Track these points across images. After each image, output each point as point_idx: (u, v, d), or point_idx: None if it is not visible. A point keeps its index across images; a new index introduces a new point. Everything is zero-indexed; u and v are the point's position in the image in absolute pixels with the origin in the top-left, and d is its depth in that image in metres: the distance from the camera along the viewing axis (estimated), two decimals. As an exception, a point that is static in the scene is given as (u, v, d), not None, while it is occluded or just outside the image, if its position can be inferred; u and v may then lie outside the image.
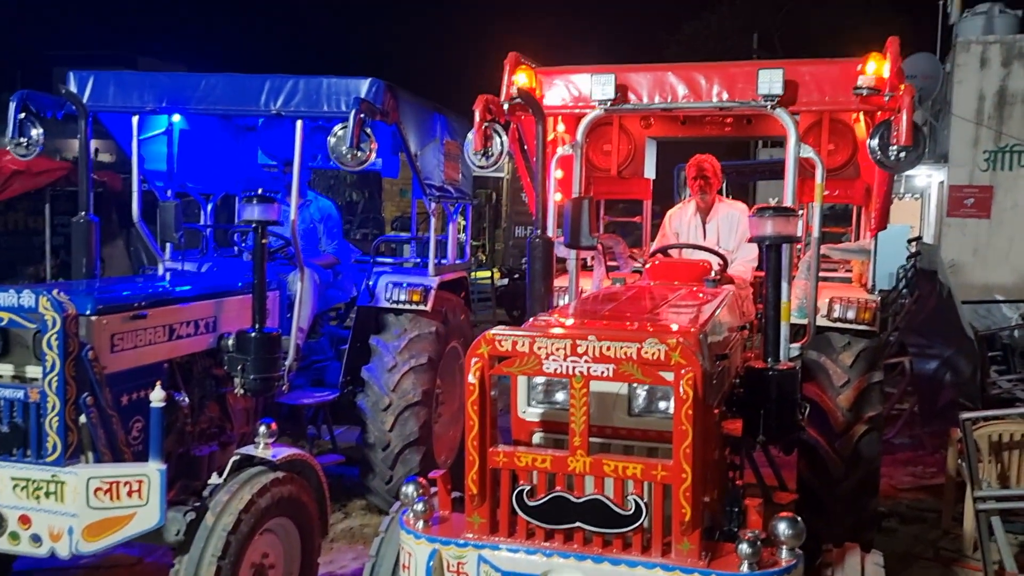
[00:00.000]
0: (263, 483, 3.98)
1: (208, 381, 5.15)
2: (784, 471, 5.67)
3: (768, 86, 4.17)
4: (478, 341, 2.94)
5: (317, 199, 6.80)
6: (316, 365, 6.33)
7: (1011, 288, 12.60)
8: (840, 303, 5.04)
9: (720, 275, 4.90)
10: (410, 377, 5.86)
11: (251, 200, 4.79)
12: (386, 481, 5.88)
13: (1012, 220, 13.48)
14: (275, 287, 5.71)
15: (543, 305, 4.25)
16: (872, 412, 4.97)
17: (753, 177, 14.20)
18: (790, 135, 4.17)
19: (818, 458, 4.91)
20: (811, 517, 4.83)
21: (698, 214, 5.85)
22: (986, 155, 13.52)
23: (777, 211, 3.61)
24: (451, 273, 6.57)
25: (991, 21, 14.46)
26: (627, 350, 2.77)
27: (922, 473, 7.55)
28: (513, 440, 3.31)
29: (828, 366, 5.01)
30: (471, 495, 2.95)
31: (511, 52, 4.73)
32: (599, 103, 4.52)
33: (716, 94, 4.46)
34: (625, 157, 6.65)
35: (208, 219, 6.96)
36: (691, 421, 2.71)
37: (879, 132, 4.06)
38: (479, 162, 4.67)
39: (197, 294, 4.98)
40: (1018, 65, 13.41)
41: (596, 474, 2.86)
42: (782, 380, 3.60)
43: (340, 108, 5.31)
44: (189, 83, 5.58)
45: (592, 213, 4.48)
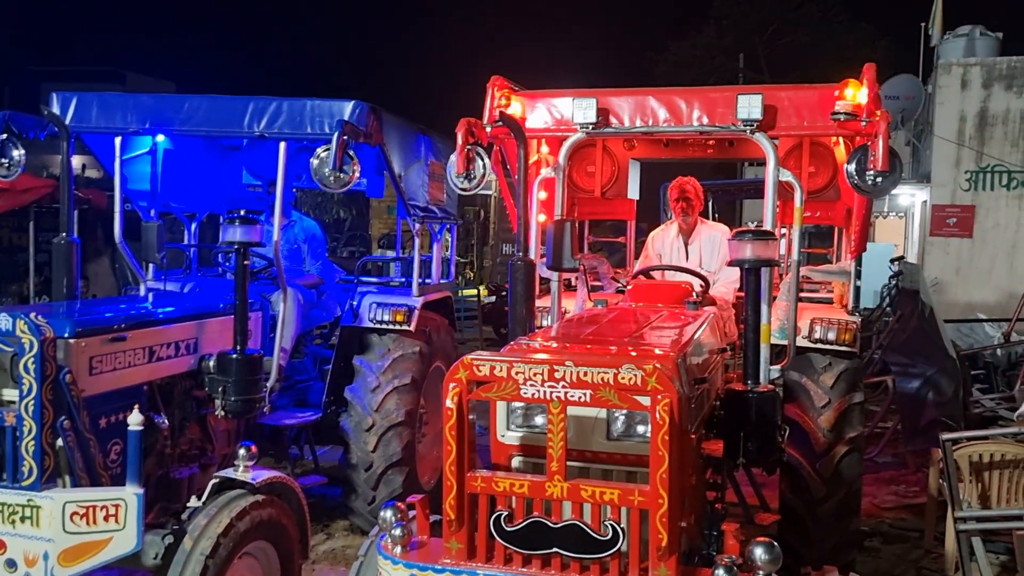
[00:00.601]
0: (242, 506, 3.95)
1: (189, 403, 5.12)
2: (767, 491, 5.70)
3: (747, 111, 4.23)
4: (456, 366, 2.95)
5: (302, 219, 6.80)
6: (299, 385, 6.30)
7: (993, 307, 12.70)
8: (821, 324, 5.07)
9: (702, 297, 4.93)
10: (393, 397, 5.85)
11: (233, 221, 4.78)
12: (369, 502, 5.85)
13: (994, 239, 13.61)
14: (258, 307, 5.70)
15: (524, 327, 4.26)
16: (853, 433, 4.99)
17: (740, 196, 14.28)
18: (769, 159, 4.22)
19: (800, 478, 4.92)
20: (793, 538, 4.92)
21: (680, 236, 5.88)
22: (968, 175, 13.67)
23: (756, 234, 3.64)
24: (435, 293, 6.57)
25: (972, 43, 14.67)
26: (604, 376, 2.79)
27: (905, 492, 7.57)
28: (492, 464, 3.32)
29: (809, 387, 5.02)
30: (449, 520, 2.95)
31: (494, 76, 4.78)
32: (581, 126, 4.57)
33: (697, 118, 4.52)
34: (609, 178, 6.70)
35: (192, 239, 6.94)
36: (667, 446, 2.73)
37: (856, 157, 4.11)
38: (461, 184, 4.70)
39: (178, 315, 4.96)
40: (998, 87, 13.58)
41: (573, 499, 2.86)
42: (762, 402, 3.61)
43: (323, 130, 5.32)
44: (172, 104, 5.58)
45: (575, 234, 4.51)
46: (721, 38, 32.62)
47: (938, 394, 8.41)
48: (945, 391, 8.37)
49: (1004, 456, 5.43)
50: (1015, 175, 13.49)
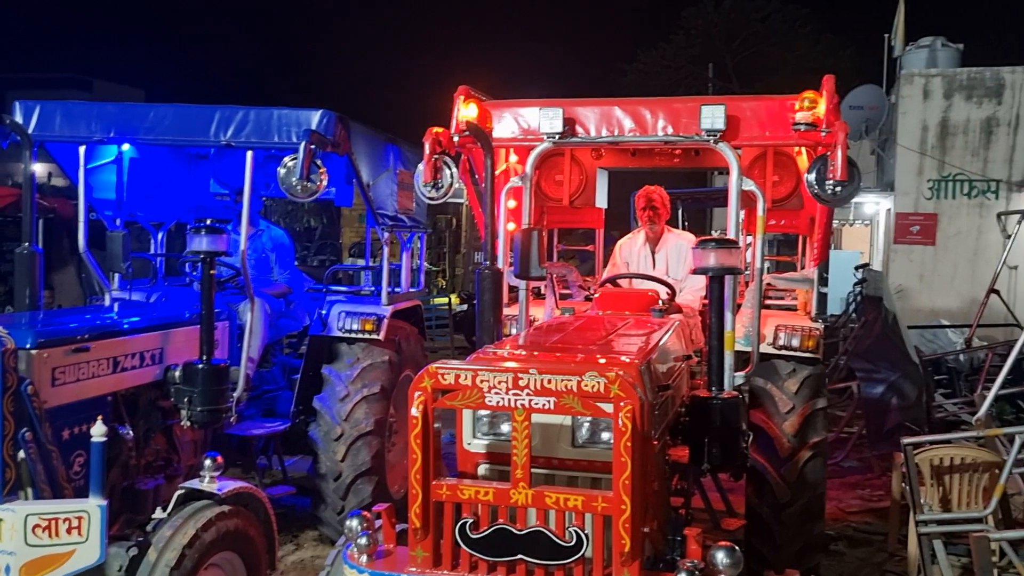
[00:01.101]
0: (208, 517, 3.93)
1: (154, 413, 5.09)
2: (733, 496, 5.76)
3: (711, 121, 4.29)
4: (421, 375, 2.97)
5: (269, 228, 6.77)
6: (267, 395, 6.28)
7: (955, 313, 12.91)
8: (785, 331, 5.14)
9: (668, 304, 4.99)
10: (363, 407, 5.84)
11: (199, 231, 4.77)
12: (338, 512, 5.83)
13: (956, 247, 13.84)
14: (225, 317, 5.67)
15: (492, 336, 4.28)
16: (817, 438, 5.07)
17: (709, 204, 14.44)
18: (732, 169, 4.28)
19: (765, 483, 4.98)
20: (759, 542, 4.98)
21: (647, 244, 5.94)
22: (930, 184, 13.89)
23: (720, 243, 3.69)
24: (405, 301, 6.58)
25: (934, 54, 14.93)
26: (568, 383, 2.82)
27: (870, 496, 7.68)
28: (459, 471, 3.33)
29: (774, 393, 5.10)
30: (414, 528, 2.97)
31: (461, 85, 4.80)
32: (547, 136, 4.60)
33: (662, 128, 4.57)
34: (577, 187, 6.75)
35: (158, 248, 6.89)
36: (630, 453, 2.76)
37: (816, 167, 4.19)
38: (429, 193, 4.72)
39: (143, 325, 4.93)
40: (959, 97, 13.84)
41: (538, 506, 2.89)
42: (726, 409, 3.66)
43: (291, 139, 5.32)
44: (137, 113, 5.55)
45: (543, 243, 4.54)
46: (690, 47, 32.98)
47: (902, 399, 8.55)
48: (909, 396, 8.51)
49: (964, 460, 5.53)
50: (976, 184, 13.74)
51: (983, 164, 13.75)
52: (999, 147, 13.69)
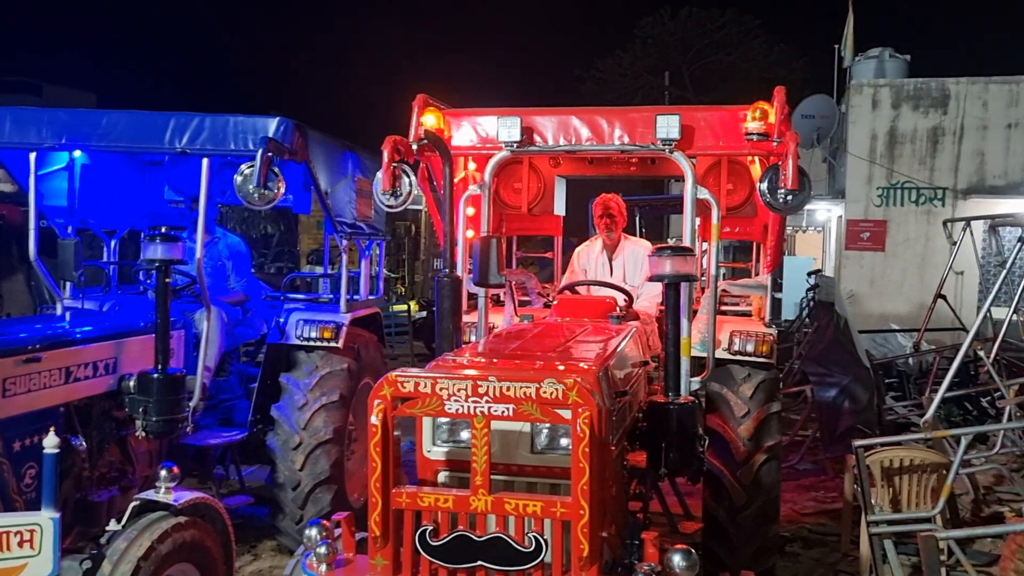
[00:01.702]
0: (164, 528, 3.88)
1: (108, 424, 5.01)
2: (691, 500, 5.84)
3: (666, 131, 4.36)
4: (380, 383, 2.98)
5: (226, 236, 6.71)
6: (224, 404, 6.21)
7: (905, 317, 13.24)
8: (740, 337, 5.22)
9: (625, 311, 5.05)
10: (321, 415, 5.81)
11: (154, 239, 4.71)
12: (296, 521, 5.79)
13: (904, 253, 14.19)
14: (181, 326, 5.61)
15: (451, 343, 4.29)
16: (771, 441, 5.15)
17: (666, 211, 14.62)
18: (687, 177, 4.36)
19: (721, 487, 5.05)
20: (716, 545, 5.05)
21: (605, 251, 6.01)
22: (879, 191, 14.24)
23: (675, 251, 3.75)
24: (364, 309, 6.56)
25: (882, 65, 15.31)
26: (526, 390, 2.85)
27: (823, 498, 7.83)
28: (419, 479, 3.34)
29: (729, 398, 5.17)
30: (374, 536, 2.97)
31: (419, 94, 4.82)
32: (505, 144, 4.64)
33: (618, 137, 4.63)
34: (535, 195, 6.79)
35: (111, 256, 6.79)
36: (588, 459, 2.80)
37: (768, 176, 4.28)
38: (387, 202, 4.72)
39: (97, 335, 4.86)
40: (906, 107, 14.21)
41: (498, 512, 2.91)
42: (682, 414, 3.72)
43: (247, 147, 5.28)
44: (90, 119, 5.46)
45: (501, 250, 4.57)
46: (647, 56, 33.35)
47: (854, 402, 8.72)
48: (860, 399, 8.69)
49: (913, 461, 5.68)
50: (923, 191, 14.11)
51: (930, 172, 14.13)
52: (945, 156, 14.09)
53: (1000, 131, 13.89)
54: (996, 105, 13.89)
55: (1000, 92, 13.89)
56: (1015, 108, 13.84)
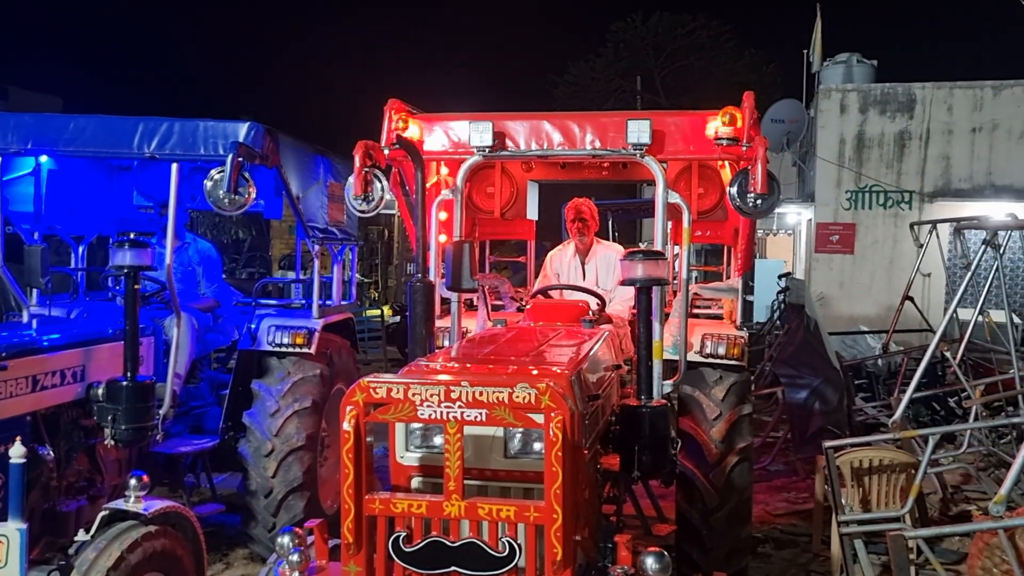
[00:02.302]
0: (133, 538, 3.84)
1: (76, 433, 4.94)
2: (663, 502, 5.87)
3: (637, 135, 4.38)
4: (353, 389, 2.97)
5: (196, 241, 6.65)
6: (195, 411, 6.15)
7: (874, 319, 13.40)
8: (711, 340, 5.26)
9: (598, 315, 5.07)
10: (294, 421, 5.78)
11: (123, 245, 4.66)
12: (269, 529, 5.75)
13: (873, 256, 14.37)
14: (150, 332, 5.55)
15: (424, 348, 4.29)
16: (743, 443, 5.20)
17: (638, 215, 14.72)
18: (658, 182, 4.39)
19: (694, 489, 5.09)
20: (689, 546, 5.08)
21: (577, 255, 6.03)
22: (848, 195, 14.42)
23: (646, 255, 3.77)
24: (337, 314, 6.53)
25: (850, 70, 15.52)
26: (499, 395, 2.85)
27: (795, 499, 7.90)
28: (392, 485, 3.33)
29: (702, 400, 5.21)
30: (347, 544, 2.96)
31: (391, 99, 4.81)
32: (477, 149, 4.64)
33: (589, 142, 4.66)
34: (508, 199, 6.81)
35: (79, 262, 6.70)
36: (561, 463, 2.80)
37: (737, 180, 4.32)
38: (360, 207, 4.71)
39: (64, 342, 4.80)
40: (874, 112, 14.41)
41: (471, 518, 2.91)
42: (654, 417, 3.73)
43: (218, 152, 5.25)
44: (57, 124, 5.40)
45: (474, 255, 4.57)
46: (618, 61, 33.56)
47: (824, 403, 8.81)
48: (831, 400, 8.78)
49: (882, 461, 5.74)
50: (890, 195, 14.31)
51: (897, 176, 14.33)
52: (911, 160, 14.30)
53: (965, 135, 14.13)
54: (961, 110, 14.13)
55: (964, 97, 14.13)
56: (979, 113, 14.08)
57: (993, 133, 14.03)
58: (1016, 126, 13.95)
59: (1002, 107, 13.98)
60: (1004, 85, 14.05)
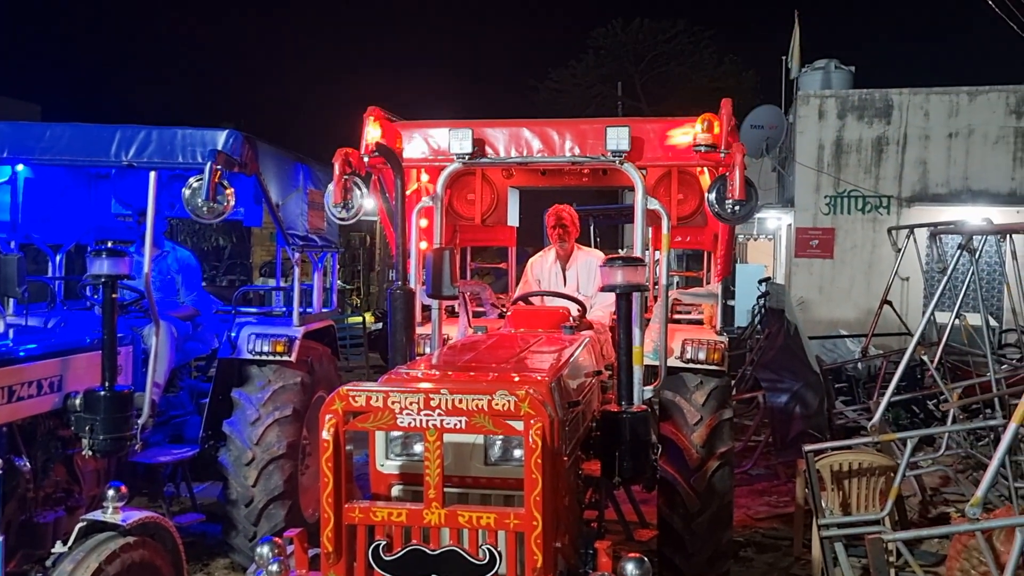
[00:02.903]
0: (112, 549, 3.80)
1: (53, 443, 4.89)
2: (646, 507, 5.88)
3: (616, 142, 4.41)
4: (332, 397, 2.96)
5: (175, 249, 6.61)
6: (175, 420, 6.11)
7: (853, 323, 13.52)
8: (692, 345, 5.28)
9: (579, 321, 5.08)
10: (274, 430, 5.75)
11: (100, 254, 4.63)
12: (250, 538, 5.71)
13: (852, 260, 14.50)
14: (129, 341, 5.51)
15: (404, 355, 4.28)
16: (724, 448, 5.21)
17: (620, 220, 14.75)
18: (637, 188, 4.41)
19: (675, 494, 5.10)
20: (671, 551, 5.09)
21: (558, 262, 6.05)
22: (827, 200, 14.54)
23: (626, 261, 3.78)
24: (317, 322, 6.50)
25: (828, 76, 15.66)
26: (478, 402, 2.85)
27: (776, 502, 7.94)
28: (372, 494, 3.32)
29: (682, 405, 5.23)
30: (327, 553, 2.95)
31: (370, 106, 4.81)
32: (457, 156, 4.65)
33: (569, 149, 4.68)
34: (488, 206, 6.81)
35: (57, 271, 6.64)
36: (541, 470, 2.81)
37: (716, 187, 4.35)
38: (339, 214, 4.70)
39: (41, 352, 4.75)
40: (852, 117, 14.55)
41: (451, 525, 2.91)
42: (635, 422, 3.74)
43: (196, 159, 5.22)
44: (33, 133, 5.36)
45: (455, 262, 4.57)
46: (599, 67, 33.71)
47: (805, 407, 8.88)
48: (811, 404, 8.85)
49: (862, 464, 5.78)
50: (869, 199, 14.45)
51: (875, 181, 14.47)
52: (889, 165, 14.45)
53: (941, 141, 14.29)
54: (937, 115, 14.29)
55: (941, 103, 14.29)
56: (955, 118, 14.24)
57: (969, 138, 14.20)
58: (991, 131, 14.13)
59: (978, 112, 14.15)
60: (979, 91, 14.22)
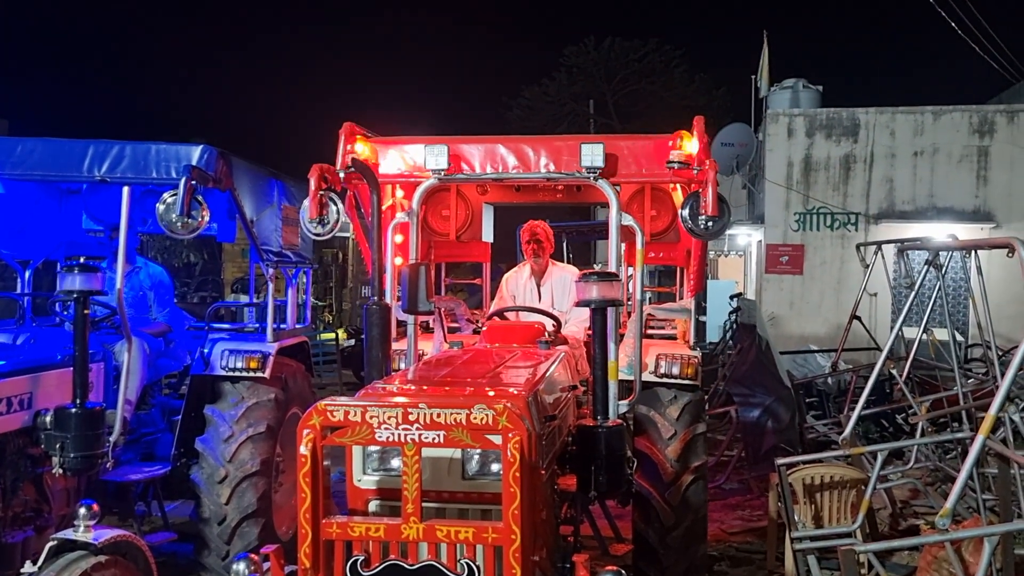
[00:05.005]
0: (83, 568, 3.75)
1: (23, 462, 4.82)
2: (620, 522, 5.90)
3: (590, 159, 4.46)
4: (309, 412, 2.95)
5: (147, 265, 6.56)
6: (146, 438, 6.03)
7: (823, 338, 13.68)
8: (666, 360, 5.32)
9: (554, 336, 5.11)
10: (248, 447, 5.70)
11: (72, 269, 4.59)
12: (222, 557, 5.64)
13: (822, 276, 14.69)
14: (100, 358, 5.45)
15: (380, 371, 4.28)
16: (698, 462, 5.25)
17: (593, 236, 14.85)
18: (611, 204, 4.46)
19: (650, 508, 5.12)
20: (646, 566, 5.11)
21: (533, 277, 6.08)
22: (796, 216, 14.74)
23: (601, 276, 3.81)
24: (291, 338, 6.47)
25: (797, 95, 15.93)
26: (456, 416, 2.86)
27: (750, 516, 7.99)
28: (349, 509, 3.31)
29: (657, 420, 5.26)
30: (304, 569, 2.93)
31: (346, 122, 4.83)
32: (433, 172, 4.68)
33: (544, 165, 4.72)
34: (463, 222, 6.84)
35: (25, 287, 6.56)
36: (519, 483, 2.82)
37: (689, 203, 4.41)
38: (315, 230, 4.71)
39: (9, 369, 4.69)
40: (820, 136, 14.79)
41: (430, 540, 2.91)
42: (610, 437, 3.75)
43: (170, 175, 5.19)
44: (4, 147, 5.30)
45: (430, 277, 4.59)
46: (572, 85, 33.99)
47: (777, 421, 8.96)
48: (783, 418, 8.93)
49: (833, 477, 5.85)
50: (837, 216, 14.67)
51: (843, 198, 14.70)
52: (857, 182, 14.69)
53: (907, 159, 14.56)
54: (903, 134, 14.56)
55: (906, 122, 14.57)
56: (920, 137, 14.53)
57: (934, 156, 14.48)
58: (955, 150, 14.42)
59: (942, 131, 14.44)
60: (944, 110, 14.52)
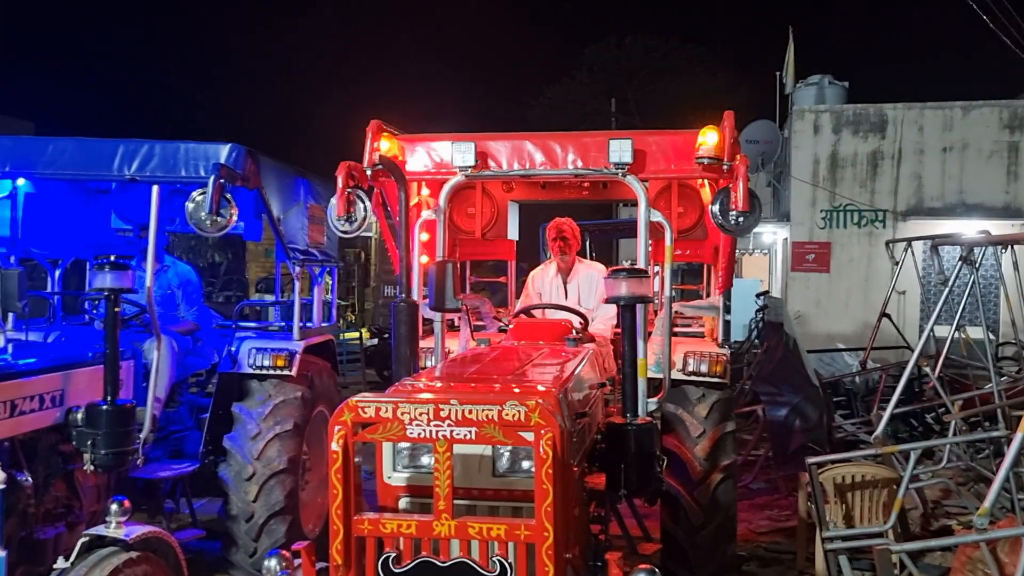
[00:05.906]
0: (115, 564, 3.78)
1: (54, 458, 4.86)
2: (649, 521, 5.86)
3: (618, 155, 4.42)
4: (341, 408, 2.95)
5: (175, 264, 6.60)
6: (175, 436, 6.07)
7: (851, 337, 13.53)
8: (694, 357, 5.28)
9: (581, 333, 5.08)
10: (275, 444, 5.72)
11: (103, 267, 4.62)
12: (250, 554, 5.67)
13: (849, 274, 14.54)
14: (130, 356, 5.48)
15: (408, 369, 4.27)
16: (727, 460, 5.21)
17: (615, 235, 14.81)
18: (640, 201, 4.42)
19: (679, 507, 5.08)
20: (675, 565, 5.07)
21: (559, 275, 6.05)
22: (823, 214, 14.61)
23: (630, 272, 3.78)
24: (317, 336, 6.49)
25: (822, 91, 15.78)
26: (488, 413, 2.84)
27: (778, 516, 7.92)
28: (379, 506, 3.31)
29: (685, 418, 5.22)
30: (336, 565, 2.93)
31: (373, 119, 4.82)
32: (460, 169, 4.66)
33: (571, 161, 4.69)
34: (489, 220, 6.83)
35: (56, 286, 6.62)
36: (551, 480, 2.80)
37: (719, 199, 4.36)
38: (343, 227, 4.71)
39: (41, 367, 4.72)
40: (846, 132, 14.64)
41: (461, 537, 2.89)
42: (640, 435, 3.72)
43: (199, 173, 5.22)
44: (35, 147, 5.36)
45: (457, 275, 4.57)
46: (593, 83, 33.88)
47: (804, 421, 8.87)
48: (811, 418, 8.84)
49: (864, 477, 5.78)
50: (864, 213, 14.52)
51: (871, 195, 14.54)
52: (884, 179, 14.52)
53: (936, 155, 14.38)
54: (931, 130, 14.38)
55: (935, 117, 14.38)
56: (949, 132, 14.34)
57: (963, 152, 14.29)
58: (985, 145, 14.22)
59: (971, 127, 14.25)
60: (973, 105, 14.32)
